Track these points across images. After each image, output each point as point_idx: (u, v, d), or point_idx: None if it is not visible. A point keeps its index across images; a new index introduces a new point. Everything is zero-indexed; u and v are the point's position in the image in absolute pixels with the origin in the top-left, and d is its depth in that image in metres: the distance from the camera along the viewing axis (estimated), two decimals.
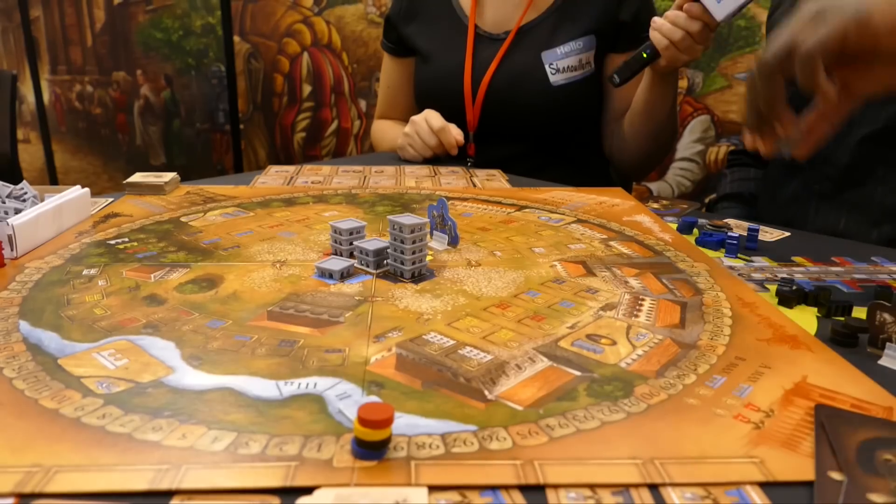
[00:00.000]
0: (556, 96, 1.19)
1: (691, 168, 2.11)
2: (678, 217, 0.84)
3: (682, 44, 0.96)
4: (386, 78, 1.41)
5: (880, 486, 0.34)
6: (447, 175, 1.06)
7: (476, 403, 0.41)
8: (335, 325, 0.52)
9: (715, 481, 0.35)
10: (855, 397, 0.43)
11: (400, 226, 0.60)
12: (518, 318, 0.54)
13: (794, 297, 0.58)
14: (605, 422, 0.40)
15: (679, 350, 0.49)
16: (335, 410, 0.40)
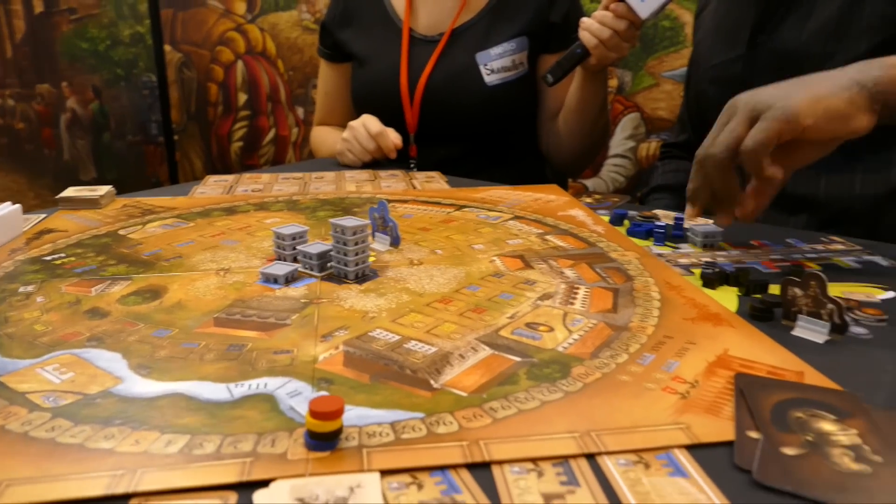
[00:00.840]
0: (492, 96, 1.22)
1: (624, 164, 2.18)
2: (610, 210, 0.87)
3: (610, 42, 1.01)
4: (323, 84, 1.41)
5: (792, 441, 0.38)
6: (387, 178, 1.07)
7: (422, 393, 0.43)
8: (282, 328, 0.53)
9: (646, 447, 0.38)
10: (770, 365, 0.47)
11: (342, 228, 0.62)
12: (460, 311, 0.56)
13: (716, 279, 0.62)
14: (545, 401, 0.42)
15: (612, 332, 0.52)
16: (286, 408, 0.42)
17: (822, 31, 0.87)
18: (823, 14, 0.87)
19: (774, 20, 0.91)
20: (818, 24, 0.87)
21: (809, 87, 0.62)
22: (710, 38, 1.05)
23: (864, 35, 0.83)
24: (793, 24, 0.90)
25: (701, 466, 0.36)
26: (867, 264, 0.68)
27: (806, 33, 0.88)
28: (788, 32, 0.90)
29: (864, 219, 0.86)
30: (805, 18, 0.88)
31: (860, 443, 0.37)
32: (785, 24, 0.90)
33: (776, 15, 0.91)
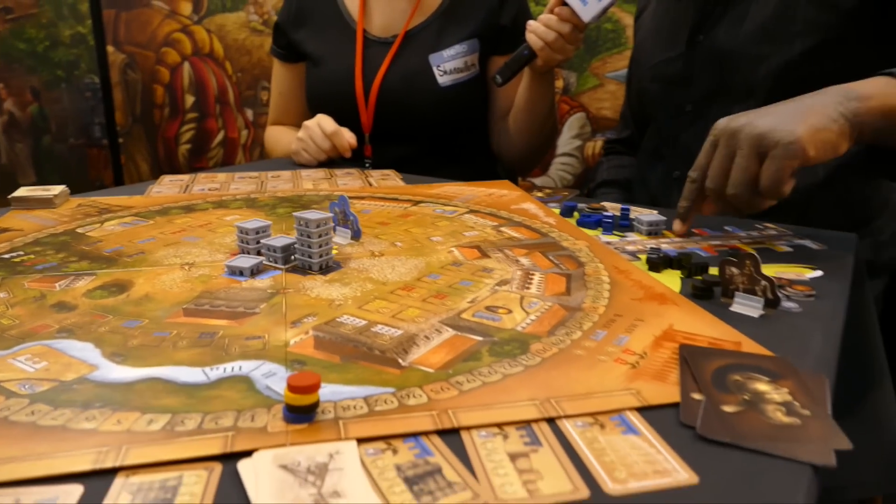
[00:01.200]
0: (445, 97, 1.26)
1: (571, 163, 2.24)
2: (560, 203, 0.91)
3: (555, 44, 1.05)
4: (277, 84, 1.42)
5: (731, 400, 0.41)
6: (343, 177, 1.09)
7: (392, 370, 0.46)
8: (252, 316, 0.55)
9: (601, 410, 0.41)
10: (711, 337, 0.51)
11: (306, 221, 0.64)
12: (422, 297, 0.59)
13: (661, 263, 0.66)
14: (507, 374, 0.45)
15: (566, 313, 0.56)
16: (263, 387, 0.44)
17: (757, 33, 0.92)
18: (758, 16, 0.92)
19: (711, 20, 0.96)
20: (753, 25, 0.93)
21: (805, 119, 0.66)
22: (650, 38, 1.10)
23: (797, 38, 0.89)
24: (729, 25, 0.95)
25: (651, 425, 0.40)
26: (798, 248, 0.74)
27: (742, 34, 0.94)
28: (725, 33, 0.95)
29: (795, 208, 0.92)
30: (741, 20, 0.94)
31: (791, 399, 0.42)
32: (722, 24, 0.96)
33: (713, 15, 0.96)
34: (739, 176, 0.68)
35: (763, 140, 0.66)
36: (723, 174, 0.69)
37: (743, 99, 0.94)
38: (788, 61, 0.89)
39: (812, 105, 0.68)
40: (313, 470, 0.35)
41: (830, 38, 0.88)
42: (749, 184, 0.67)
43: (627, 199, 1.18)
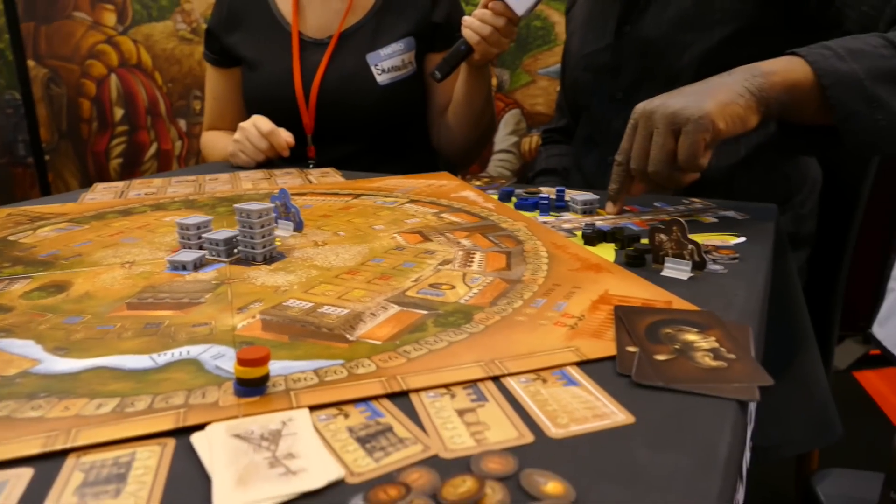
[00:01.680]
0: (384, 95, 1.27)
1: (509, 158, 2.28)
2: (498, 190, 0.94)
3: (490, 38, 1.07)
4: (212, 89, 1.41)
5: (663, 350, 0.44)
6: (283, 176, 1.09)
7: (340, 345, 0.47)
8: (197, 305, 0.55)
9: (542, 367, 0.43)
10: (644, 298, 0.54)
11: (247, 212, 0.64)
12: (367, 280, 0.60)
13: (595, 237, 0.69)
14: (452, 342, 0.47)
15: (507, 285, 0.58)
16: (212, 367, 0.44)
17: (679, 22, 0.97)
18: (679, 6, 0.97)
19: (637, 11, 1.01)
20: (675, 15, 0.97)
21: (713, 96, 0.71)
22: (581, 30, 1.14)
23: (716, 26, 0.94)
24: (653, 15, 0.99)
25: (589, 377, 0.42)
26: (723, 218, 0.78)
27: (665, 24, 0.98)
28: (650, 22, 0.99)
29: (719, 185, 0.97)
30: (664, 10, 0.98)
31: (717, 346, 0.44)
32: (647, 14, 1.00)
33: (638, 6, 1.00)
34: (658, 154, 0.72)
35: (676, 118, 0.70)
36: (643, 154, 0.74)
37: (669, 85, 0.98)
38: (709, 48, 0.94)
39: (720, 83, 0.73)
40: (267, 436, 0.36)
41: (746, 25, 0.93)
42: (668, 160, 0.72)
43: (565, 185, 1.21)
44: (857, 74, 0.71)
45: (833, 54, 0.72)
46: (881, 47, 0.72)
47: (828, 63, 0.71)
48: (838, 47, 0.73)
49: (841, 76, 0.71)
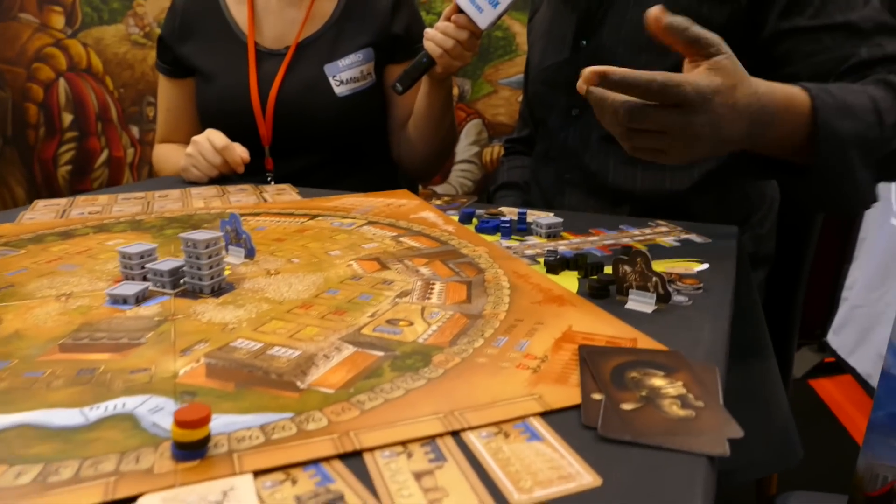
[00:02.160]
0: (343, 107, 1.24)
1: (471, 169, 2.27)
2: (459, 210, 0.92)
3: (453, 51, 1.05)
4: (164, 100, 1.36)
5: (629, 398, 0.42)
6: (236, 193, 1.05)
7: (290, 394, 0.44)
8: (137, 347, 0.51)
9: (504, 419, 0.41)
10: (608, 335, 0.52)
11: (194, 242, 0.61)
12: (321, 314, 0.57)
13: (558, 265, 0.67)
14: (409, 389, 0.44)
15: (467, 321, 0.55)
16: (149, 424, 0.41)
17: (635, 42, 0.95)
18: (634, 25, 0.96)
19: (592, 26, 0.99)
20: (630, 34, 0.96)
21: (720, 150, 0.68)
22: (541, 41, 1.12)
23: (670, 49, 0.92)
24: (609, 32, 0.98)
25: (554, 429, 0.40)
26: (685, 242, 0.77)
27: (622, 42, 0.97)
28: (607, 38, 0.98)
29: (675, 208, 0.96)
30: (619, 27, 0.97)
31: (685, 392, 0.43)
32: (602, 30, 0.99)
33: (594, 21, 0.99)
34: (647, 142, 0.66)
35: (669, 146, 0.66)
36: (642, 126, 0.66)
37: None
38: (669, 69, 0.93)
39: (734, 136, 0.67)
40: None
41: None
42: (644, 151, 0.67)
43: (525, 200, 1.20)
44: (846, 137, 0.70)
45: (835, 105, 0.70)
46: (869, 112, 0.72)
47: (829, 116, 0.69)
48: (839, 98, 0.71)
49: (835, 135, 0.69)
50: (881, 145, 0.72)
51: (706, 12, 0.89)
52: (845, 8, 0.83)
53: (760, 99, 0.67)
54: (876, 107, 0.72)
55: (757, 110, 0.66)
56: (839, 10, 0.83)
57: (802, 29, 0.85)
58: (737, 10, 0.88)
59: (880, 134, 0.72)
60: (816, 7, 0.84)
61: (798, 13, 0.85)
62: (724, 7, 0.88)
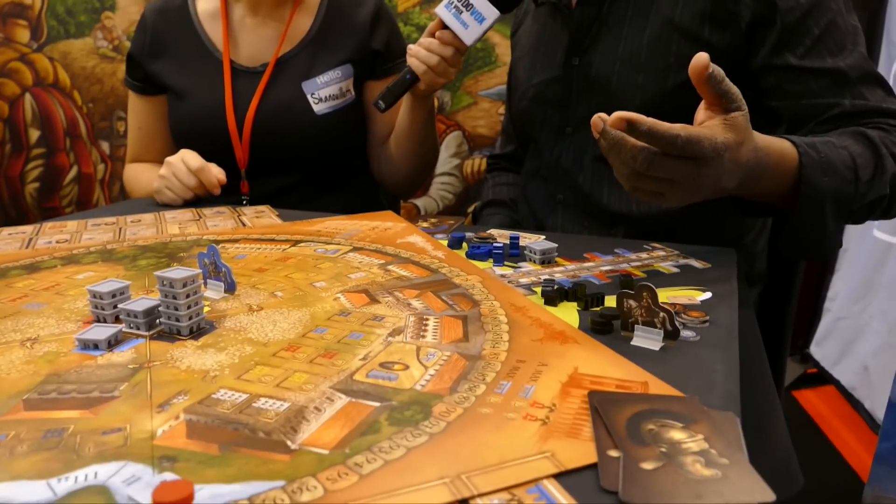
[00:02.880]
0: (322, 125, 1.20)
1: (452, 182, 2.24)
2: (447, 234, 0.88)
3: (438, 68, 1.02)
4: (135, 119, 1.31)
5: (649, 455, 0.39)
6: (213, 217, 1.01)
7: (280, 457, 0.40)
8: (109, 402, 0.47)
9: (516, 483, 0.37)
10: (617, 378, 0.49)
11: (170, 281, 0.57)
12: (310, 358, 0.53)
13: (556, 296, 0.64)
14: (410, 448, 0.41)
15: (467, 363, 0.52)
16: (124, 498, 0.37)
17: (631, 62, 0.93)
18: (631, 45, 0.93)
19: (586, 44, 0.97)
20: (627, 53, 0.94)
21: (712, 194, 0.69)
22: (528, 56, 1.09)
23: (670, 71, 0.90)
24: (604, 50, 0.96)
25: (571, 494, 0.36)
26: (683, 268, 0.75)
27: (617, 61, 0.94)
28: (601, 57, 0.96)
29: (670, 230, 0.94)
30: (615, 46, 0.95)
31: (707, 447, 0.40)
32: (596, 49, 0.96)
33: (587, 38, 0.97)
34: (652, 186, 0.67)
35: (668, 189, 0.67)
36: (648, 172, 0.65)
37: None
38: (662, 93, 0.91)
39: (729, 186, 0.70)
40: None
41: None
42: (645, 193, 0.68)
43: (513, 219, 1.17)
44: (826, 193, 0.75)
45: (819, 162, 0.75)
46: (847, 169, 0.76)
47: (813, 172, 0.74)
48: (823, 154, 0.76)
49: (817, 191, 0.75)
50: (855, 199, 0.78)
51: (707, 35, 0.88)
52: (835, 52, 0.85)
53: (758, 154, 0.70)
54: (854, 164, 0.77)
55: (754, 166, 0.70)
56: (829, 53, 0.85)
57: (791, 67, 0.86)
58: (737, 36, 0.87)
59: (855, 190, 0.77)
60: (807, 47, 0.85)
61: (789, 50, 0.86)
62: (724, 32, 0.87)
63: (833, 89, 0.85)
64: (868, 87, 0.85)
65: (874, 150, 0.79)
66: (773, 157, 0.73)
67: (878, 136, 0.80)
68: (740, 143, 0.67)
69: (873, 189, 0.78)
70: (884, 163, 0.79)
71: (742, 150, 0.67)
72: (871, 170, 0.78)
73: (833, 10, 0.85)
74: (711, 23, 0.88)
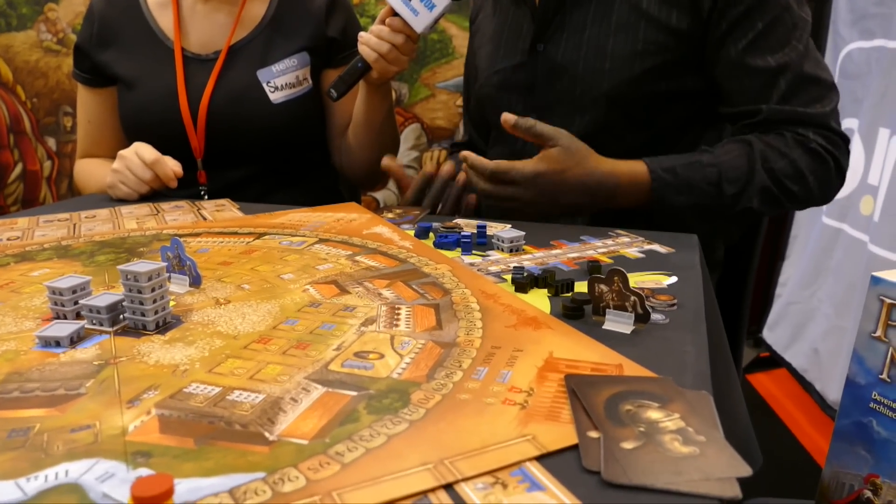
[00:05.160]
0: (279, 114, 1.18)
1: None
2: (413, 224, 0.88)
3: (389, 55, 1.01)
4: (85, 112, 1.26)
5: (628, 435, 0.40)
6: (172, 211, 0.98)
7: (259, 448, 0.39)
8: (76, 399, 0.46)
9: (500, 466, 0.37)
10: (592, 361, 0.49)
11: (135, 275, 0.55)
12: (282, 349, 0.53)
13: (527, 283, 0.64)
14: (391, 435, 0.41)
15: (442, 350, 0.52)
16: (98, 496, 0.36)
17: (596, 49, 0.94)
18: (597, 31, 0.94)
19: (551, 30, 0.97)
20: (593, 39, 0.94)
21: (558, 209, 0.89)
22: (491, 43, 1.09)
23: (637, 58, 0.92)
24: (570, 36, 0.96)
25: (554, 476, 0.37)
26: (648, 253, 0.76)
27: (582, 48, 0.95)
28: (566, 44, 0.96)
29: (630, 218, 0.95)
30: (580, 32, 0.95)
31: (684, 426, 0.41)
32: (562, 35, 0.97)
33: (552, 25, 0.97)
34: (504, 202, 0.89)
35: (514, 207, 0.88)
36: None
37: (586, 109, 0.96)
38: (629, 79, 0.92)
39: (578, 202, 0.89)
40: None
41: (668, 60, 0.91)
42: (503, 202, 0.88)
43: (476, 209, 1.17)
44: (682, 209, 0.88)
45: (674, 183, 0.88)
46: (711, 185, 0.88)
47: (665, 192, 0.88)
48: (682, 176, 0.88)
49: (672, 206, 0.88)
50: (722, 210, 0.89)
51: (674, 21, 0.90)
52: (776, 48, 0.88)
53: (596, 176, 0.87)
54: (719, 180, 0.87)
55: (594, 185, 0.87)
56: (770, 49, 0.88)
57: (730, 62, 0.90)
58: (699, 22, 0.89)
59: (719, 202, 0.88)
60: (749, 40, 0.88)
61: (732, 42, 0.89)
62: (689, 18, 0.89)
63: (761, 93, 0.89)
64: (799, 90, 0.89)
65: (750, 162, 0.88)
66: (621, 177, 0.87)
67: (763, 151, 0.88)
68: (559, 171, 0.85)
69: (740, 202, 0.88)
70: (754, 178, 0.88)
71: (566, 175, 0.86)
72: (740, 185, 0.88)
73: (780, 5, 0.87)
74: (677, 9, 0.89)
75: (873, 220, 1.58)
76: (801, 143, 0.89)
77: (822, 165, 0.90)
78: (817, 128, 0.90)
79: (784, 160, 0.88)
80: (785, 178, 0.88)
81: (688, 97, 0.94)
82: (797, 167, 0.88)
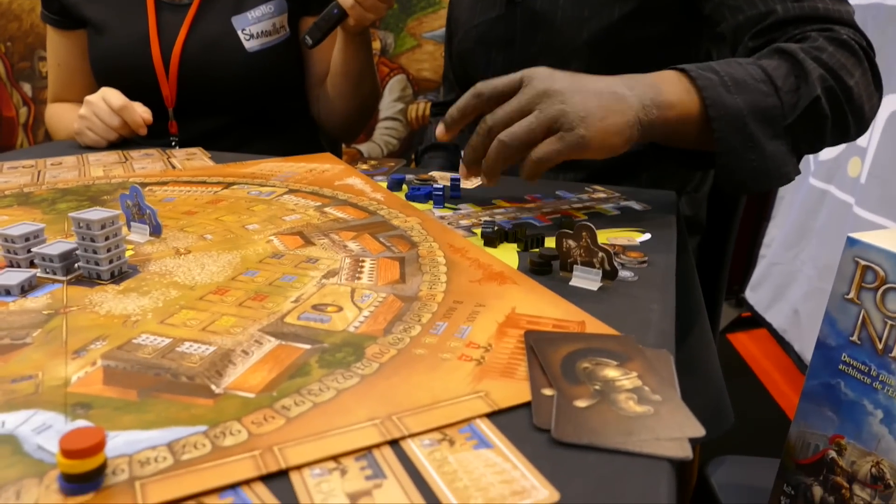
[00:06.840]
0: (254, 63, 1.15)
1: (395, 126, 2.19)
2: (387, 176, 0.86)
3: (366, 2, 0.98)
4: (55, 55, 1.22)
5: (583, 393, 0.39)
6: (140, 159, 0.96)
7: (203, 401, 0.38)
8: (21, 349, 0.44)
9: (448, 422, 0.37)
10: (555, 318, 0.48)
11: (87, 223, 0.53)
12: (239, 301, 0.51)
13: (496, 237, 0.63)
14: (341, 390, 0.40)
15: (402, 304, 0.51)
16: (33, 448, 0.34)
17: None
18: None
19: None
20: None
21: (604, 119, 0.63)
22: None
23: (616, 2, 0.88)
24: None
25: (503, 433, 0.36)
26: (624, 210, 0.74)
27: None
28: None
29: (627, 173, 0.93)
30: None
31: (640, 385, 0.40)
32: None
33: None
34: (522, 133, 0.63)
35: (561, 120, 0.62)
36: (508, 121, 0.64)
37: (566, 61, 0.93)
38: (609, 25, 0.89)
39: (619, 103, 0.65)
40: None
41: (646, 4, 0.88)
42: (524, 145, 0.63)
43: (454, 162, 1.15)
44: (741, 110, 0.67)
45: (720, 82, 0.68)
46: (761, 82, 0.68)
47: (716, 93, 0.67)
48: (724, 74, 0.68)
49: (727, 109, 0.67)
50: (784, 112, 0.68)
51: None
52: None
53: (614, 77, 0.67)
54: (767, 75, 0.69)
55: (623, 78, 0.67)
56: None
57: None
58: None
59: (779, 100, 0.68)
60: None
61: None
62: None
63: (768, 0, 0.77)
64: None
65: (791, 56, 0.70)
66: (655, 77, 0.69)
67: (795, 46, 0.72)
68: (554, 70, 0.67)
69: (803, 95, 0.68)
70: (805, 66, 0.69)
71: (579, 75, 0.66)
72: (793, 77, 0.69)
73: None
74: None
75: (860, 183, 1.57)
76: (834, 39, 0.72)
77: (861, 65, 0.73)
78: (844, 25, 0.75)
79: (824, 53, 0.71)
80: (839, 69, 0.70)
81: (674, 42, 0.91)
82: (840, 61, 0.71)
